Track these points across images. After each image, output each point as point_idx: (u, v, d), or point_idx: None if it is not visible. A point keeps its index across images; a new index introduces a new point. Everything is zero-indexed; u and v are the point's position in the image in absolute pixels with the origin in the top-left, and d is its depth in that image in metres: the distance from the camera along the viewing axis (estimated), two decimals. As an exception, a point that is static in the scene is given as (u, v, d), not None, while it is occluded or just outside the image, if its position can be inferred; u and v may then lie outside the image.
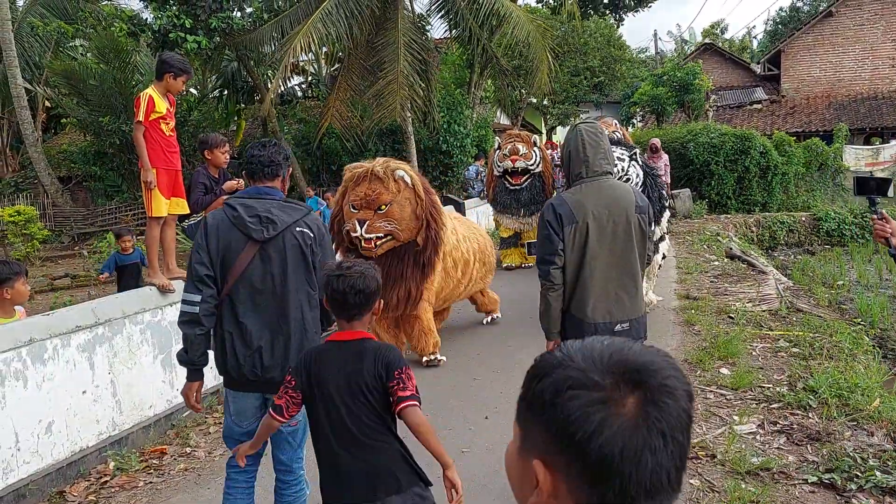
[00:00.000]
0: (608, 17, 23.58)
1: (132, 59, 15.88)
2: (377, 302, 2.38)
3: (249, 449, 2.62)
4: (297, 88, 20.39)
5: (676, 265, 10.02)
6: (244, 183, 5.69)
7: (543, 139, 27.08)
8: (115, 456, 4.25)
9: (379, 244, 5.15)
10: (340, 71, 15.33)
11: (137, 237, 7.85)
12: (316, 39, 12.80)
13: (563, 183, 9.28)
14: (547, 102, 28.30)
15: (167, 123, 5.16)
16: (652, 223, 3.53)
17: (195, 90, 19.59)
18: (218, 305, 2.80)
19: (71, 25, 18.36)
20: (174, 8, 12.95)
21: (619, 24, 25.18)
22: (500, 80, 18.54)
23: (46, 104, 19.67)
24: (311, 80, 20.30)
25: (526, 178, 9.62)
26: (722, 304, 7.66)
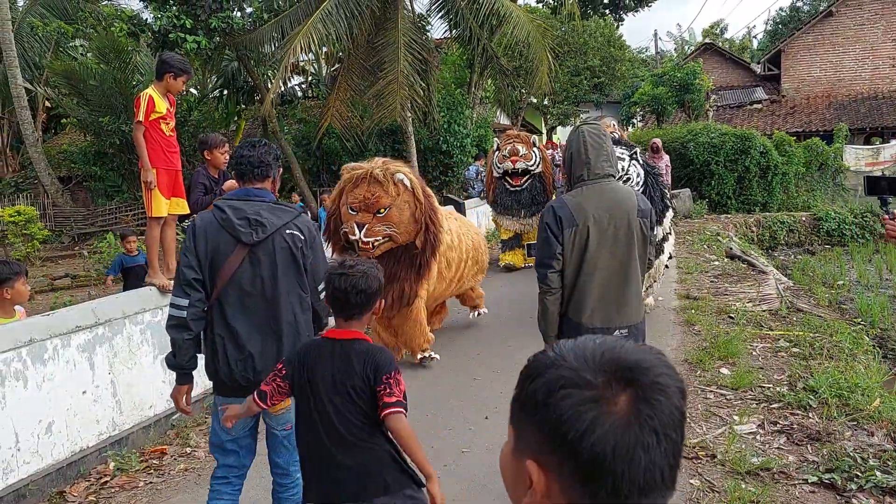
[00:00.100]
0: (608, 17, 23.59)
1: (132, 59, 15.91)
2: (378, 302, 2.35)
3: (239, 414, 2.52)
4: (297, 88, 20.40)
5: (677, 265, 10.01)
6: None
7: (543, 139, 27.12)
8: (115, 456, 4.25)
9: (377, 246, 5.11)
10: (340, 71, 15.34)
11: (138, 237, 7.84)
12: (316, 39, 12.79)
13: (563, 183, 9.25)
14: (547, 102, 28.32)
15: (167, 123, 5.16)
16: (654, 227, 3.48)
17: (195, 90, 19.59)
18: (207, 309, 2.76)
19: (71, 25, 18.37)
20: (174, 8, 12.96)
21: (619, 24, 25.22)
22: (500, 80, 18.54)
23: (47, 104, 19.69)
24: (311, 80, 20.30)
25: (526, 178, 9.56)
26: (722, 303, 7.66)
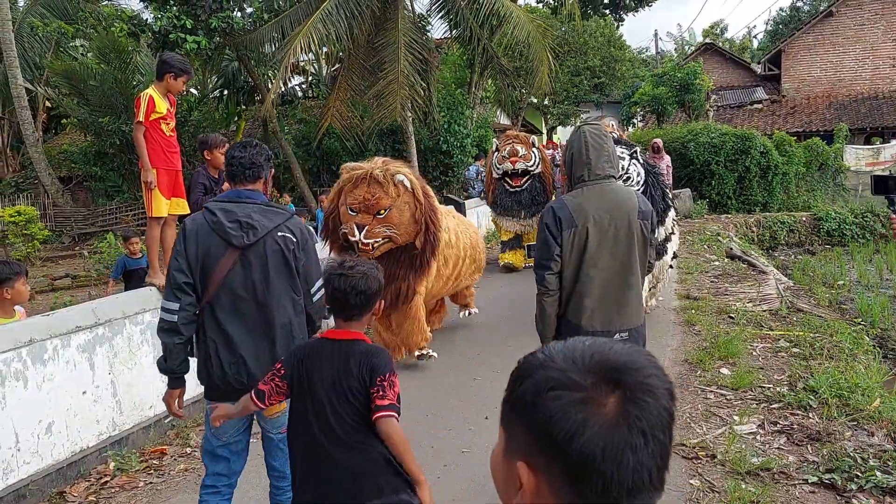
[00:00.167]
0: (608, 17, 23.60)
1: (133, 59, 15.90)
2: (378, 303, 2.33)
3: (228, 415, 2.50)
4: (297, 88, 20.40)
5: (677, 265, 10.01)
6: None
7: (544, 139, 27.12)
8: (115, 456, 4.25)
9: (376, 247, 5.08)
10: (341, 71, 15.33)
11: (140, 238, 7.82)
12: (316, 40, 12.79)
13: (561, 184, 9.22)
14: (547, 102, 28.31)
15: (167, 124, 5.17)
16: (655, 230, 3.44)
17: (195, 90, 19.59)
18: (199, 313, 2.73)
19: (71, 26, 18.37)
20: (174, 8, 12.96)
21: (619, 24, 25.25)
22: (500, 80, 18.54)
23: (47, 104, 19.69)
24: (311, 80, 20.30)
25: (526, 179, 9.52)
26: (722, 304, 7.66)
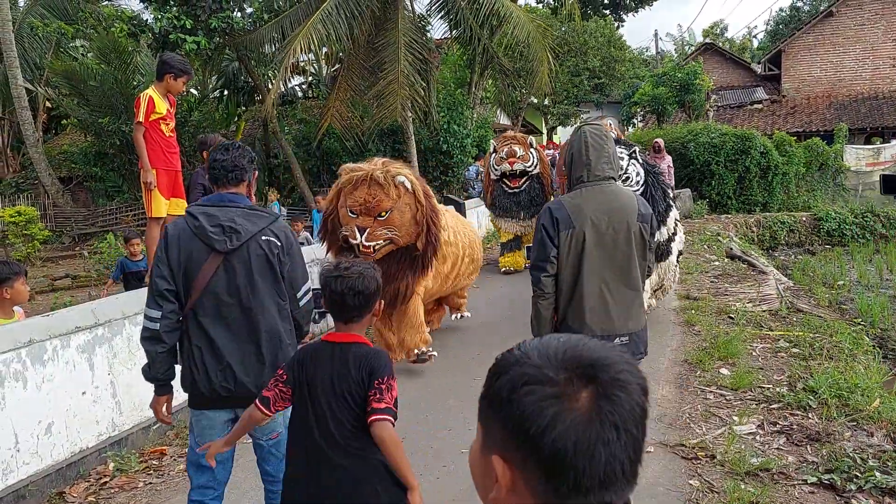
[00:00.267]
0: (608, 17, 23.59)
1: (133, 59, 15.90)
2: (378, 303, 2.31)
3: (223, 446, 2.47)
4: (297, 89, 20.40)
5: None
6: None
7: (544, 139, 27.15)
8: (114, 457, 4.25)
9: (378, 249, 5.01)
10: (341, 71, 15.34)
11: (142, 239, 7.80)
12: (316, 40, 12.80)
13: (560, 185, 9.18)
14: (547, 102, 28.33)
15: (167, 124, 5.18)
16: (654, 232, 3.39)
17: (196, 90, 19.59)
18: (183, 319, 2.69)
19: (71, 26, 18.36)
20: (174, 9, 12.97)
21: (619, 24, 25.23)
22: (500, 80, 18.54)
23: (47, 104, 19.69)
24: (311, 80, 20.31)
25: (524, 180, 9.49)
26: (722, 304, 7.66)
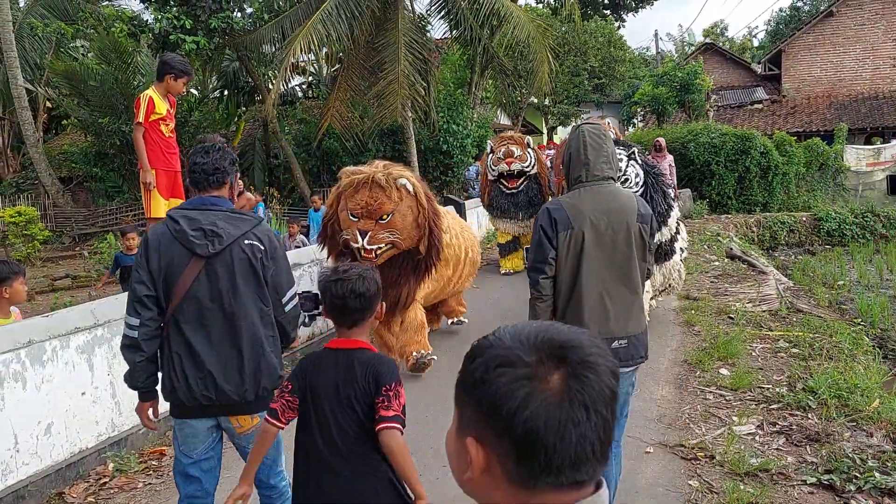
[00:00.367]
0: (609, 18, 23.56)
1: (133, 59, 15.90)
2: (379, 305, 2.29)
3: (247, 488, 2.30)
4: (297, 89, 20.40)
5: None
6: (242, 183, 5.69)
7: (544, 139, 27.14)
8: (114, 457, 4.25)
9: (380, 254, 4.93)
10: (341, 71, 15.33)
11: (140, 234, 7.77)
12: (316, 40, 12.79)
13: (557, 186, 9.14)
14: (548, 102, 28.31)
15: (167, 125, 5.19)
16: (654, 233, 3.33)
17: (196, 90, 19.59)
18: (164, 326, 2.63)
19: (71, 26, 18.36)
20: (174, 9, 12.97)
21: (620, 25, 25.21)
22: (500, 80, 18.53)
23: (47, 105, 19.70)
24: (311, 80, 20.31)
25: (522, 180, 9.43)
26: (722, 304, 7.66)
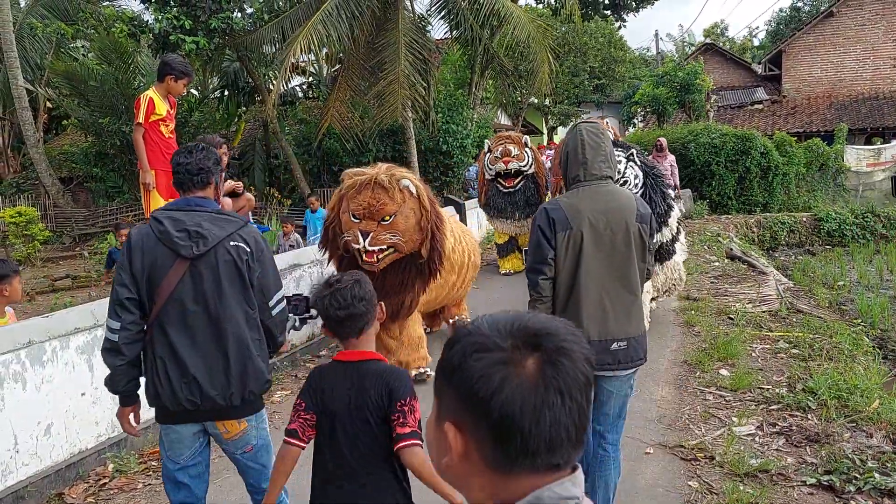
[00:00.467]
0: (610, 19, 23.54)
1: (133, 60, 15.90)
2: (378, 308, 2.25)
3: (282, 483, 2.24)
4: (297, 89, 20.41)
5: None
6: (243, 184, 5.70)
7: (545, 139, 27.13)
8: (114, 458, 4.25)
9: (381, 258, 4.79)
10: (341, 71, 15.33)
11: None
12: (316, 40, 12.79)
13: (555, 187, 9.10)
14: (548, 103, 28.32)
15: (167, 125, 5.20)
16: (654, 234, 3.31)
17: (196, 91, 19.60)
18: (147, 329, 2.58)
19: (71, 27, 18.36)
20: (174, 10, 12.97)
21: (621, 25, 25.18)
22: (501, 80, 18.52)
23: (48, 105, 19.70)
24: (311, 80, 20.31)
25: (519, 180, 9.33)
26: (722, 304, 7.66)
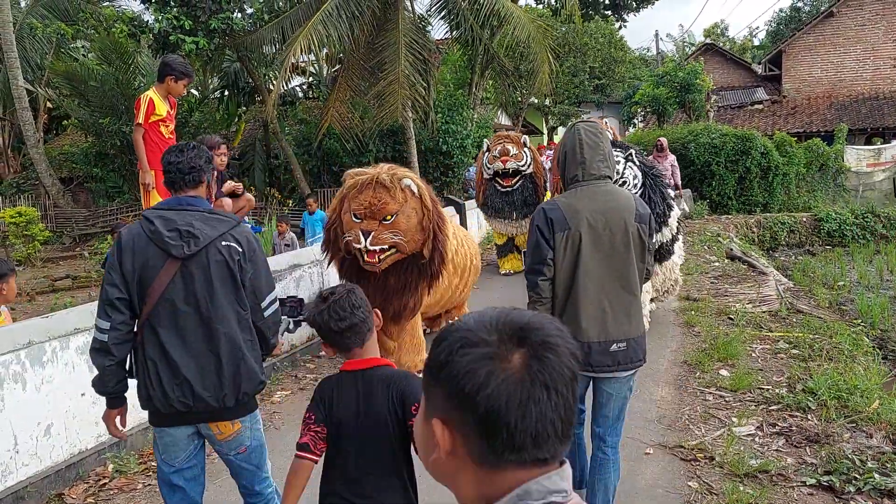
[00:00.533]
0: (610, 19, 23.54)
1: (134, 60, 15.91)
2: (373, 315, 2.22)
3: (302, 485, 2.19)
4: (297, 89, 20.42)
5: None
6: (243, 184, 5.70)
7: (545, 139, 27.13)
8: (113, 458, 4.25)
9: (383, 258, 4.74)
10: (341, 72, 15.33)
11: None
12: (316, 41, 12.79)
13: (553, 187, 9.09)
14: (548, 103, 28.32)
15: (167, 126, 5.21)
16: (653, 234, 3.31)
17: (196, 91, 19.60)
18: (138, 330, 2.55)
19: (72, 27, 18.37)
20: (174, 10, 12.97)
21: (621, 25, 25.16)
22: (501, 80, 18.52)
23: (48, 105, 19.71)
24: (311, 80, 20.31)
25: (517, 179, 9.27)
26: (722, 305, 7.65)
